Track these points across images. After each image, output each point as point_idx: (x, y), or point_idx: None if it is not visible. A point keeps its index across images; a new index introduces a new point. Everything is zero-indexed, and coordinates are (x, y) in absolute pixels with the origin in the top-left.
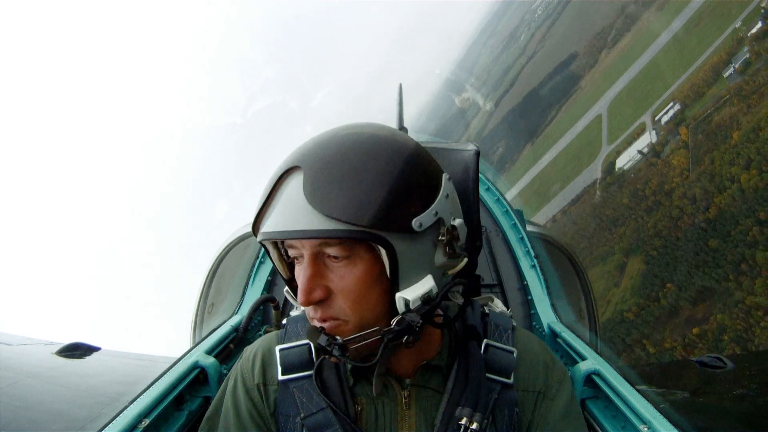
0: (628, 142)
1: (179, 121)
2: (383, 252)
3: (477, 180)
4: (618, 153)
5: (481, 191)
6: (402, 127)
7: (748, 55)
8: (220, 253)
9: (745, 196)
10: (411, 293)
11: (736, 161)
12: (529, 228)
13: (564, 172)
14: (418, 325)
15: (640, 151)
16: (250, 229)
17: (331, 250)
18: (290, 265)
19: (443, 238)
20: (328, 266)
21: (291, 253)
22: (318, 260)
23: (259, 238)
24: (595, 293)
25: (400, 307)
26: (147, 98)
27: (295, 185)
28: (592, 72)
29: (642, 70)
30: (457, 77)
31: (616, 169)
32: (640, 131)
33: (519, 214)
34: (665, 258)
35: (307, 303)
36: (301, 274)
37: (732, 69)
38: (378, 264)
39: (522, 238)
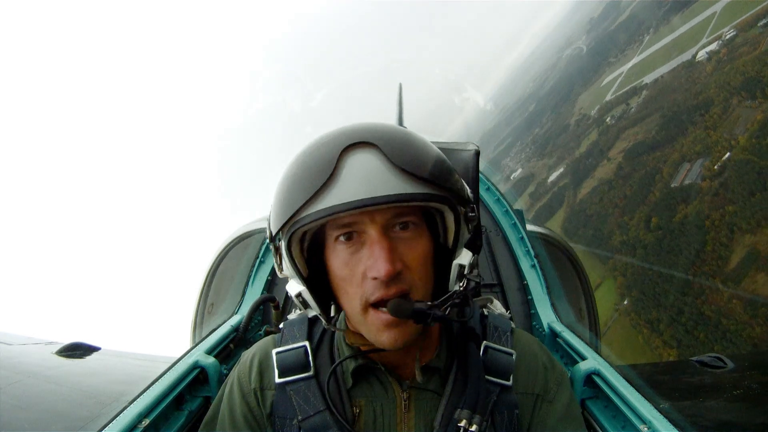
0: (710, 42)
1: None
2: (451, 218)
3: (477, 179)
4: (703, 47)
5: (481, 191)
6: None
7: None
8: (220, 253)
9: (720, 97)
10: (463, 260)
11: (725, 77)
12: (529, 228)
13: (681, 46)
14: (480, 283)
15: (707, 52)
16: (249, 229)
17: (409, 218)
18: (308, 262)
19: (473, 213)
20: (395, 240)
21: (335, 234)
22: (387, 233)
23: (333, 210)
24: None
25: (453, 275)
26: (147, 99)
27: (368, 157)
28: None
29: None
30: None
31: (696, 59)
32: (718, 37)
33: (519, 214)
34: (674, 115)
35: (390, 274)
36: (374, 247)
37: (764, 22)
38: (432, 238)
39: (522, 238)
